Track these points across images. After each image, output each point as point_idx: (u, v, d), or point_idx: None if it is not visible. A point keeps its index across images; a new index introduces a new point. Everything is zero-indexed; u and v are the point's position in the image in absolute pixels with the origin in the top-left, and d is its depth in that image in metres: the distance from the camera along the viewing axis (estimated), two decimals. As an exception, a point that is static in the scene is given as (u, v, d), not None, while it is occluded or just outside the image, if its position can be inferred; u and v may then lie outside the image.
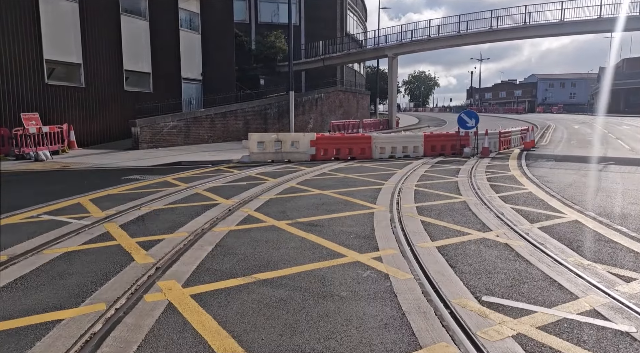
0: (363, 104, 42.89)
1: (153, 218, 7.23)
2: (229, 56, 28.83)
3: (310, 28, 40.83)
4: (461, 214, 7.51)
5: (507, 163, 15.13)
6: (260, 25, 40.22)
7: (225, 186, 10.33)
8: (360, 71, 53.30)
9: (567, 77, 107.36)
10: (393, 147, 17.29)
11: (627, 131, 33.05)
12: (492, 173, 12.54)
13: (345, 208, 8.00)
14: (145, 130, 19.73)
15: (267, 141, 15.74)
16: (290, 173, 12.62)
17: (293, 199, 8.87)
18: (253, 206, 8.18)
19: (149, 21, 23.07)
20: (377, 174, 12.43)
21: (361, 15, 52.09)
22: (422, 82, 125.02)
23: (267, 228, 6.68)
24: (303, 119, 32.03)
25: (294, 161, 15.80)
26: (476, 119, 17.30)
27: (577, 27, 28.17)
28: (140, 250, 5.53)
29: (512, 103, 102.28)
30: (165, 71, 24.04)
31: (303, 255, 5.40)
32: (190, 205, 8.21)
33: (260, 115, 27.81)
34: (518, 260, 5.24)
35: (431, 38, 32.22)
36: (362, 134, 17.22)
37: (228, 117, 25.07)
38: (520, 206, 8.11)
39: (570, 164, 14.88)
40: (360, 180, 11.30)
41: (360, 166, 14.49)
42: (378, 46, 35.77)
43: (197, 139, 22.78)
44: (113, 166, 14.11)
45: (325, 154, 16.37)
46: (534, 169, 13.36)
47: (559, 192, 9.57)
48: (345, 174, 12.46)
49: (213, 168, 13.90)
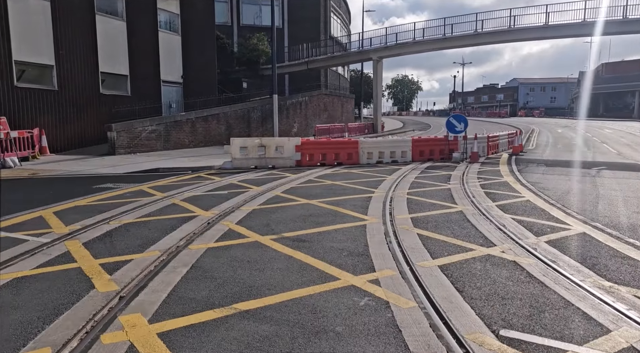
0: (347, 107, 42.45)
1: (122, 233, 6.51)
2: (211, 58, 28.06)
3: (293, 30, 40.27)
4: (460, 226, 6.96)
5: (499, 168, 14.72)
6: (242, 27, 39.50)
7: (204, 196, 9.63)
8: (344, 75, 52.90)
9: (548, 82, 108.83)
10: (381, 152, 16.77)
11: (610, 134, 33.19)
12: (485, 179, 12.07)
13: (334, 220, 7.38)
14: (122, 135, 18.86)
15: (250, 146, 15.07)
16: (274, 180, 11.97)
17: (278, 210, 8.22)
18: (234, 218, 7.51)
19: (127, 21, 22.21)
20: (365, 181, 11.86)
21: (345, 18, 51.74)
22: (405, 86, 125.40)
23: (249, 244, 6.02)
24: (287, 123, 31.40)
25: (279, 167, 15.14)
26: (465, 124, 16.89)
27: (561, 30, 28.16)
28: (103, 274, 4.82)
29: (495, 107, 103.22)
30: (143, 73, 23.18)
31: (290, 278, 4.76)
32: (166, 218, 7.50)
33: (243, 119, 27.09)
34: (531, 281, 4.68)
35: (416, 41, 31.93)
36: (348, 139, 16.67)
37: (210, 122, 24.30)
38: (521, 217, 7.60)
39: (562, 169, 14.53)
40: (349, 188, 10.71)
41: (347, 172, 13.91)
42: (362, 48, 35.35)
43: (177, 144, 21.95)
44: (85, 173, 13.27)
45: (311, 160, 15.76)
46: (527, 175, 12.94)
47: (558, 200, 9.11)
48: (333, 181, 11.86)
49: (193, 175, 13.17)
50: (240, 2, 39.67)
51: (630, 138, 29.69)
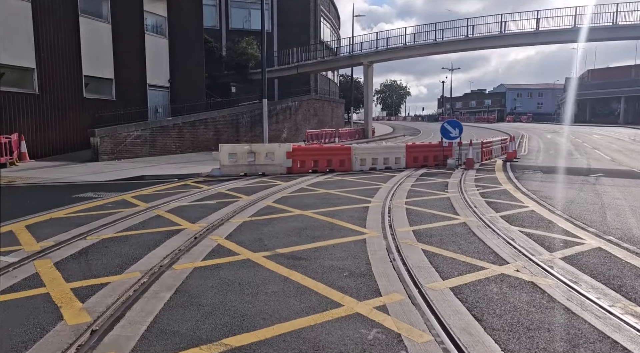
0: (338, 113, 42.07)
1: (100, 251, 5.93)
2: (199, 62, 27.46)
3: (283, 35, 39.82)
4: (466, 241, 6.50)
5: (495, 175, 14.35)
6: (231, 31, 38.98)
7: (191, 206, 9.06)
8: (334, 80, 52.58)
9: (535, 88, 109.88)
10: (374, 158, 16.32)
11: (600, 140, 33.21)
12: (484, 187, 11.67)
13: (331, 234, 6.87)
14: (105, 140, 18.17)
15: (239, 153, 14.51)
16: (265, 189, 11.44)
17: (270, 222, 7.69)
18: (224, 232, 6.96)
19: (112, 24, 21.55)
20: (360, 189, 11.38)
21: (335, 23, 51.47)
22: (394, 92, 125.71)
23: (240, 263, 5.48)
24: (277, 129, 30.87)
25: (269, 174, 14.61)
26: (460, 129, 16.54)
27: (552, 36, 28.11)
28: (74, 301, 4.25)
29: (482, 112, 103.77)
30: (129, 77, 22.50)
31: (287, 305, 4.24)
32: (149, 232, 6.93)
33: (232, 124, 26.50)
34: (555, 307, 4.22)
35: (407, 46, 31.67)
36: (341, 145, 16.21)
37: (197, 127, 23.68)
38: (529, 229, 7.17)
39: (559, 176, 14.21)
40: (344, 197, 10.21)
41: (341, 179, 13.43)
42: (353, 53, 35.02)
43: (163, 149, 21.30)
44: (66, 181, 12.60)
45: (302, 167, 15.25)
46: (525, 183, 12.57)
47: (564, 211, 8.71)
48: (326, 189, 11.35)
49: (179, 183, 12.58)
50: (229, 6, 39.17)
51: (620, 144, 29.68)
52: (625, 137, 37.31)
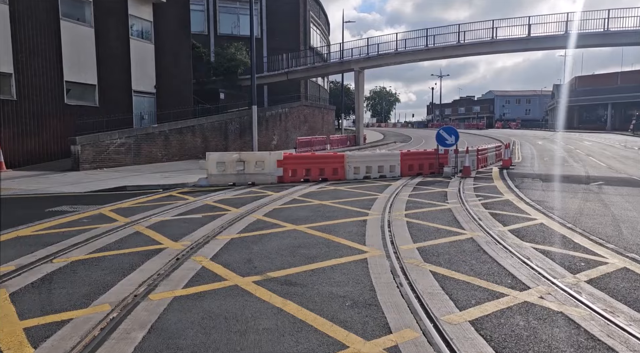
0: (328, 119, 41.55)
1: (67, 277, 5.22)
2: (186, 67, 26.75)
3: (272, 41, 39.29)
4: (478, 260, 5.90)
5: (494, 184, 13.83)
6: (220, 37, 38.33)
7: (175, 221, 8.35)
8: (324, 86, 52.13)
9: (523, 94, 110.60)
10: (368, 167, 15.74)
11: (592, 147, 33.05)
12: (485, 198, 11.12)
13: (329, 253, 6.23)
14: (87, 148, 17.36)
15: (228, 162, 13.83)
16: (255, 200, 10.77)
17: (261, 239, 7.03)
18: (209, 251, 6.29)
19: (95, 28, 20.80)
20: (356, 200, 10.76)
21: (324, 29, 51.11)
22: (383, 98, 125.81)
23: (227, 291, 4.81)
24: (267, 136, 30.22)
25: (259, 183, 13.94)
26: (456, 136, 16.04)
27: (544, 42, 27.88)
28: (24, 347, 3.55)
29: (471, 119, 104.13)
30: (113, 82, 21.73)
31: (282, 347, 3.58)
32: (125, 252, 6.22)
33: (220, 131, 25.80)
34: (597, 347, 3.61)
35: (399, 52, 31.28)
36: (334, 153, 15.61)
37: (184, 134, 22.94)
38: (543, 246, 6.59)
39: (560, 185, 13.73)
40: (339, 209, 9.58)
41: (334, 189, 12.80)
42: (344, 59, 34.54)
43: (149, 158, 20.52)
44: (42, 192, 11.81)
45: (293, 176, 14.61)
46: (527, 192, 12.06)
47: (575, 223, 8.17)
48: (320, 200, 10.72)
49: (164, 194, 11.85)
50: (217, 11, 38.56)
51: (613, 151, 29.50)
52: (616, 143, 37.25)
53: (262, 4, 38.76)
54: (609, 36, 26.40)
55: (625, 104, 72.68)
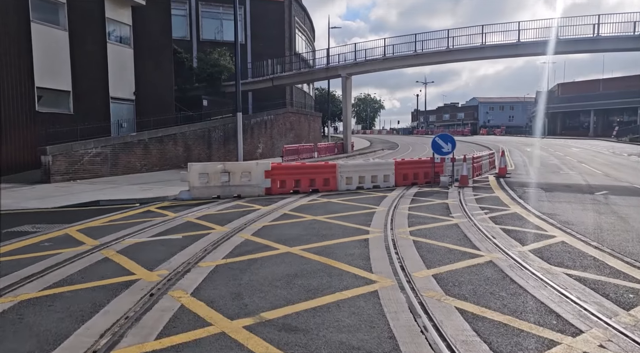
0: (315, 126, 40.72)
1: (8, 326, 4.19)
2: (167, 73, 25.67)
3: (257, 47, 38.36)
4: (507, 291, 5.03)
5: (496, 194, 13.08)
6: (202, 42, 37.26)
7: (151, 244, 7.34)
8: (309, 93, 51.34)
9: (506, 101, 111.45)
10: (361, 177, 14.88)
11: (581, 153, 32.81)
12: (490, 210, 10.33)
13: (331, 284, 5.31)
14: (59, 159, 16.17)
15: (211, 173, 12.83)
16: (242, 215, 9.79)
17: (251, 265, 6.07)
18: (190, 283, 5.31)
19: (69, 31, 19.64)
20: (352, 215, 9.86)
21: (310, 35, 50.42)
22: (368, 105, 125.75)
23: (212, 341, 3.85)
24: (252, 144, 29.22)
25: (246, 196, 12.96)
26: (452, 144, 15.29)
27: (534, 47, 27.52)
28: None
29: (456, 125, 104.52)
30: (89, 89, 20.55)
31: None
32: (88, 287, 5.21)
33: (204, 139, 24.73)
34: None
35: (387, 57, 30.65)
36: (325, 163, 14.73)
37: (165, 142, 21.83)
38: (577, 271, 5.76)
39: (564, 195, 13.03)
40: (336, 226, 8.67)
41: (327, 202, 11.89)
42: (331, 65, 33.79)
43: (127, 168, 19.36)
44: (4, 208, 10.64)
45: (282, 187, 13.67)
46: (534, 204, 11.30)
47: (600, 241, 7.38)
48: (313, 215, 9.79)
49: (141, 209, 10.80)
50: (200, 16, 37.52)
51: (603, 157, 29.22)
52: (604, 150, 37.17)
53: (246, 9, 37.87)
54: (599, 42, 26.15)
55: (607, 111, 73.57)
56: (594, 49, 27.03)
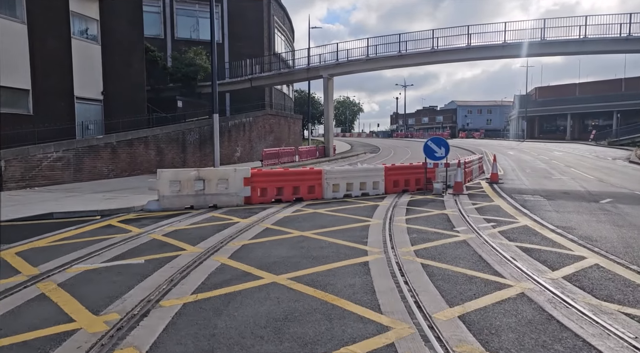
0: (295, 129, 39.45)
1: None
2: (138, 72, 24.05)
3: (235, 47, 36.92)
4: (563, 344, 3.89)
5: (496, 203, 12.07)
6: (177, 41, 35.66)
7: (104, 272, 5.99)
8: (289, 95, 50.06)
9: (484, 104, 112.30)
10: (349, 184, 13.71)
11: (566, 157, 32.43)
12: (497, 223, 9.27)
13: (333, 333, 4.08)
14: (13, 164, 14.53)
15: (184, 181, 11.46)
16: (218, 230, 8.49)
17: (228, 304, 4.80)
18: (146, 335, 4.01)
19: (28, 24, 17.94)
20: (344, 229, 8.66)
21: (289, 36, 49.17)
22: (347, 108, 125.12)
23: None
24: (229, 147, 27.79)
25: (223, 206, 11.64)
26: (446, 148, 14.28)
27: (520, 49, 26.91)
28: None
29: (435, 128, 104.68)
30: (51, 87, 18.85)
31: None
32: (5, 346, 3.86)
33: (178, 142, 23.22)
34: None
35: (370, 58, 29.64)
36: (310, 169, 13.51)
37: (136, 146, 20.26)
38: (634, 309, 4.67)
39: (569, 204, 12.11)
40: (328, 245, 7.45)
41: (314, 213, 10.67)
42: (312, 65, 32.61)
43: (93, 174, 17.76)
44: (-63, 224, 9.08)
45: (263, 196, 12.39)
46: (541, 214, 10.30)
47: (638, 263, 6.35)
48: (300, 230, 8.56)
49: (100, 224, 9.38)
50: (174, 14, 35.91)
51: (589, 161, 28.79)
52: (586, 153, 36.96)
53: (223, 7, 36.41)
54: (586, 44, 25.68)
55: (583, 114, 74.40)
56: (581, 51, 26.56)
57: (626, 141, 48.59)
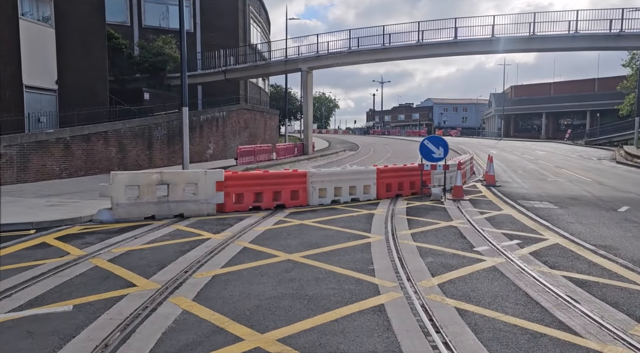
0: (272, 125, 37.51)
1: None
2: (99, 60, 21.73)
3: (207, 37, 34.70)
4: None
5: (507, 212, 10.59)
6: (145, 29, 33.23)
7: (7, 331, 4.11)
8: (264, 89, 48.01)
9: (460, 102, 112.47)
10: (337, 188, 12.03)
11: (550, 157, 31.65)
12: (522, 240, 7.75)
13: None
14: (-61, 163, 12.27)
15: (144, 185, 9.55)
16: (182, 252, 6.67)
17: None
18: None
19: (-34, 0, 15.57)
20: (341, 249, 6.97)
21: (265, 28, 47.08)
22: (323, 104, 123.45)
23: None
24: (201, 144, 25.72)
25: (191, 215, 9.80)
26: (445, 149, 12.70)
27: (509, 44, 25.74)
28: None
29: (412, 126, 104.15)
30: (-6, 74, 16.51)
31: None
32: None
33: (143, 138, 21.07)
34: None
35: (352, 51, 27.99)
36: (293, 171, 11.75)
37: (94, 142, 18.06)
38: None
39: (585, 212, 10.74)
40: (325, 275, 5.73)
41: (300, 225, 8.94)
42: (290, 58, 30.74)
43: (42, 173, 15.55)
44: None
45: (239, 202, 10.60)
46: (564, 226, 8.85)
47: None
48: (287, 252, 6.82)
49: (32, 241, 7.42)
50: (142, 0, 33.43)
51: (576, 162, 27.98)
52: (568, 153, 36.38)
53: (195, -6, 34.15)
54: (578, 39, 24.68)
55: (557, 114, 74.82)
56: (571, 48, 25.58)
57: (603, 140, 48.55)
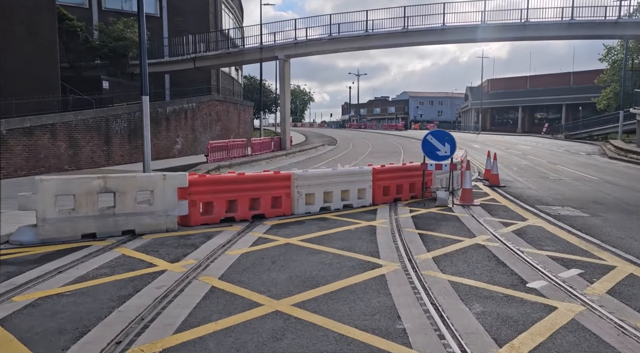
0: (245, 118, 35.14)
1: None
2: (47, 44, 19.07)
3: (175, 21, 32.07)
4: None
5: (534, 223, 8.79)
6: (105, 12, 30.39)
7: None
8: (238, 80, 45.46)
9: (435, 96, 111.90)
10: (327, 192, 10.02)
11: (538, 152, 30.49)
12: (583, 268, 5.92)
13: None
14: None
15: (80, 194, 7.31)
16: (122, 300, 4.54)
17: None
18: None
19: None
20: (347, 288, 4.97)
21: (238, 14, 44.45)
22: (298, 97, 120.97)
23: None
24: (168, 138, 23.27)
25: (145, 231, 7.62)
26: (452, 145, 10.79)
27: (501, 31, 24.18)
28: None
29: (388, 119, 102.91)
30: None
31: None
32: None
33: (100, 132, 18.56)
34: None
35: (333, 37, 25.93)
36: (275, 173, 9.67)
37: (38, 136, 15.52)
38: None
39: (630, 223, 9.06)
40: (330, 340, 3.71)
41: (286, 246, 6.89)
42: (264, 45, 28.44)
43: (-30, 174, 13.00)
44: None
45: (208, 213, 8.48)
46: (621, 245, 7.09)
47: None
48: (271, 296, 4.77)
49: None
50: (101, -20, 30.51)
51: (567, 157, 26.82)
52: (554, 147, 35.40)
53: (161, -26, 31.39)
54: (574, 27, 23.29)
55: (533, 107, 74.64)
56: (567, 36, 24.19)
57: (584, 134, 48.06)
